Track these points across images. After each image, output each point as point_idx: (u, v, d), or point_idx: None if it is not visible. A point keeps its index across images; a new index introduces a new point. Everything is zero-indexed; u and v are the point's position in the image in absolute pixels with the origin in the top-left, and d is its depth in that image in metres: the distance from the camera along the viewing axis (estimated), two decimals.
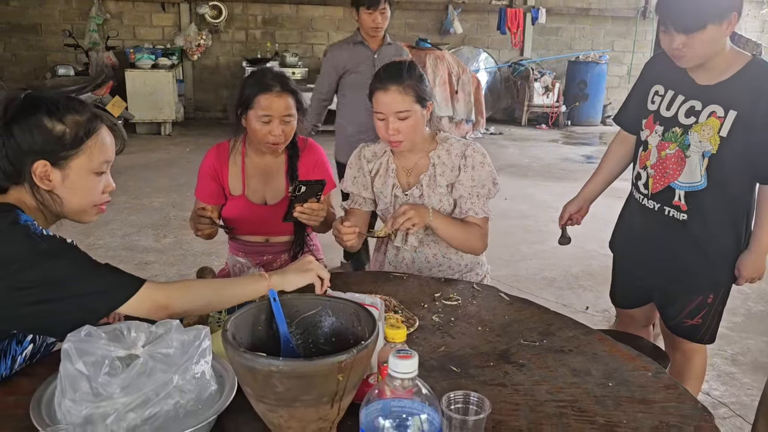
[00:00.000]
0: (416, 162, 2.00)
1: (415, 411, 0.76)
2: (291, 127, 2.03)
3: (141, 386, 1.04)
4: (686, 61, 1.83)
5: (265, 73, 2.03)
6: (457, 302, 1.75)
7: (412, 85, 1.87)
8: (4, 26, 8.68)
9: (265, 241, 2.18)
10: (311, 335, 1.19)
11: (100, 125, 1.35)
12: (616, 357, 1.48)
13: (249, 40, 9.39)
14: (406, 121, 1.87)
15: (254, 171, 2.13)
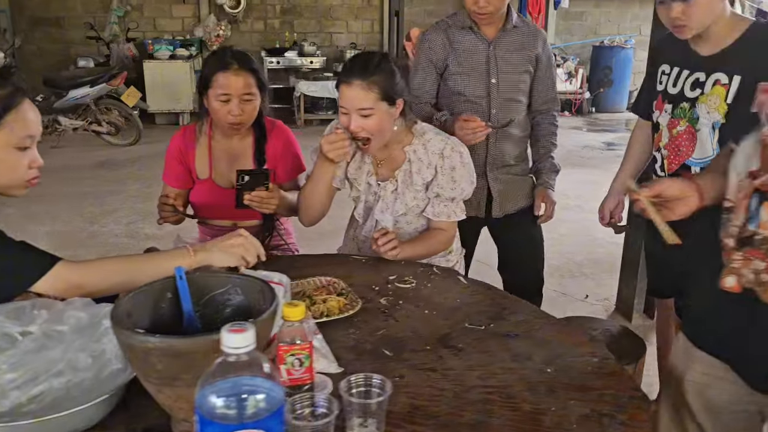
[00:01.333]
0: (390, 154, 1.90)
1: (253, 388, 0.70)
2: (252, 107, 1.97)
3: (28, 363, 1.01)
4: (687, 30, 1.75)
5: (225, 52, 1.99)
6: (411, 285, 1.69)
7: (378, 81, 1.73)
8: (29, 20, 8.85)
9: (233, 225, 2.13)
10: (220, 314, 1.15)
11: (22, 100, 1.32)
12: (565, 342, 1.40)
13: (267, 30, 9.39)
14: (368, 119, 1.75)
15: (221, 154, 2.09)
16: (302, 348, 1.02)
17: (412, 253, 1.85)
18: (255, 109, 2.00)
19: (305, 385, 1.04)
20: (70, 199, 5.18)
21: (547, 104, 2.36)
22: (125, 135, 6.85)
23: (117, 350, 1.11)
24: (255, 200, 1.86)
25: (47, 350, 1.03)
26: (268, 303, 1.04)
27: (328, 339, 1.38)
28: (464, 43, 2.23)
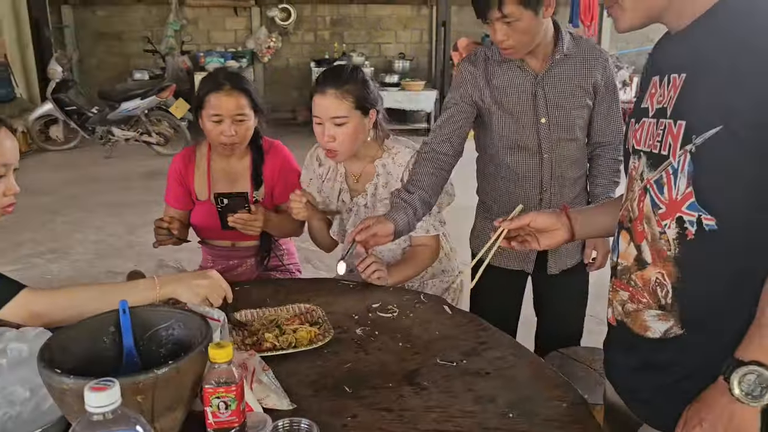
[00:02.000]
0: (363, 168, 1.90)
1: None
2: (245, 127, 1.98)
3: None
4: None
5: (218, 73, 2.01)
6: (392, 315, 1.64)
7: (352, 90, 1.75)
8: (92, 34, 9.27)
9: (232, 245, 2.15)
10: (164, 348, 1.14)
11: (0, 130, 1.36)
12: (536, 383, 1.33)
13: (317, 41, 9.52)
14: (342, 127, 1.76)
15: (219, 175, 2.11)
16: (228, 390, 0.99)
17: (401, 276, 1.82)
18: (248, 130, 2.00)
19: (232, 428, 1.01)
20: (116, 208, 5.37)
21: (609, 137, 1.96)
22: (174, 145, 7.05)
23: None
24: (238, 222, 1.86)
25: None
26: (201, 340, 1.03)
27: (292, 371, 1.35)
28: (505, 78, 1.85)
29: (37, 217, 5.23)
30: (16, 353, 1.09)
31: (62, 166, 6.98)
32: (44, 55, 8.09)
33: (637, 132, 1.09)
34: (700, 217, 0.97)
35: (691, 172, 0.96)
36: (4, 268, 4.16)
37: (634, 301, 1.09)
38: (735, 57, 0.91)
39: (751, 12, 0.93)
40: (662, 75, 1.05)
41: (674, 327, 1.04)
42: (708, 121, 0.93)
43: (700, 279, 1.00)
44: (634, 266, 1.09)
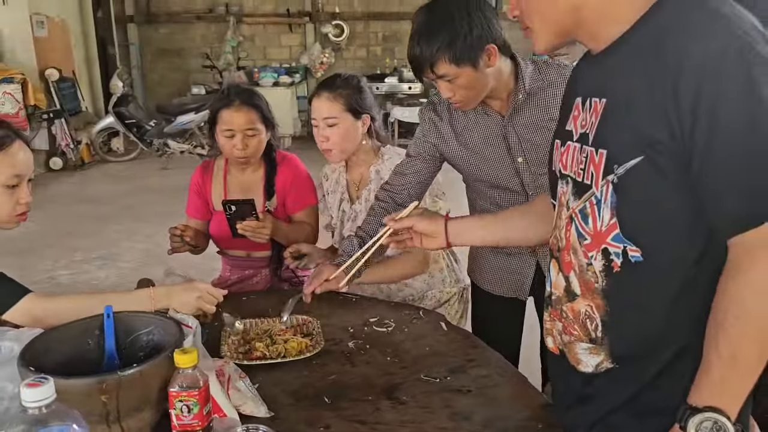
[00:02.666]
0: (362, 174, 1.97)
1: None
2: (257, 141, 2.05)
3: None
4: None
5: (229, 89, 2.09)
6: (387, 329, 1.66)
7: (345, 94, 1.86)
8: (155, 51, 9.71)
9: (247, 255, 2.22)
10: (143, 352, 1.20)
11: (11, 143, 1.46)
12: (516, 403, 1.32)
13: (369, 57, 9.66)
14: (333, 128, 1.86)
15: (235, 187, 2.18)
16: (190, 395, 1.03)
17: (373, 277, 1.85)
18: (260, 143, 2.07)
19: (195, 431, 1.05)
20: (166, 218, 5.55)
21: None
22: None
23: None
24: (247, 230, 1.92)
25: None
26: (168, 347, 1.08)
27: (278, 380, 1.39)
28: (470, 124, 1.73)
29: (92, 225, 5.50)
30: (8, 351, 1.17)
31: (121, 176, 7.32)
32: (109, 71, 8.54)
33: (563, 155, 1.07)
34: (625, 248, 0.94)
35: (614, 203, 0.93)
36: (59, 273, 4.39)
37: (567, 333, 1.06)
38: (649, 86, 0.88)
39: (661, 41, 0.89)
40: (584, 98, 1.02)
41: (605, 362, 1.01)
42: (628, 152, 0.90)
43: (629, 312, 0.97)
44: (564, 297, 1.06)
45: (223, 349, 1.49)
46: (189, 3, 9.51)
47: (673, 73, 0.85)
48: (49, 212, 5.87)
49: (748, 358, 0.85)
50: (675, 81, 0.85)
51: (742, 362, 0.85)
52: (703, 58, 0.83)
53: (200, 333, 1.27)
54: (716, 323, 0.87)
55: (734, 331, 0.85)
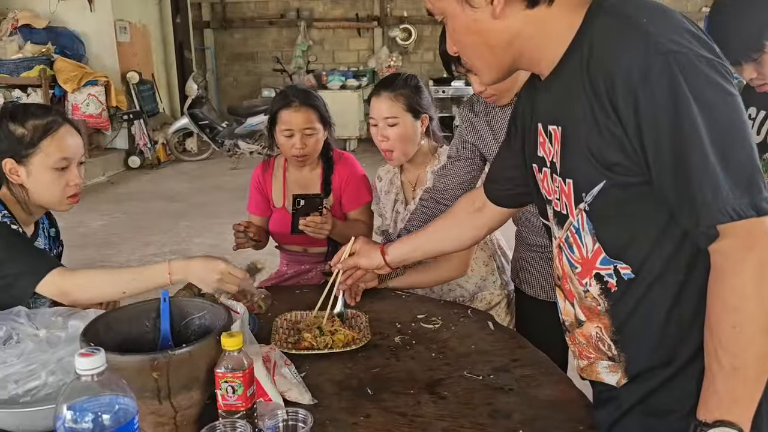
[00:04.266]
0: (418, 176, 1.98)
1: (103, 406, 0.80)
2: (314, 140, 2.11)
3: (29, 360, 1.20)
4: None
5: (288, 90, 2.16)
6: (434, 326, 1.68)
7: (405, 94, 1.87)
8: (229, 55, 10.06)
9: (303, 251, 2.28)
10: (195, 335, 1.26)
11: (59, 127, 1.56)
12: (558, 404, 1.31)
13: (436, 61, 9.63)
14: (393, 128, 1.87)
15: (294, 184, 2.25)
16: (235, 376, 1.09)
17: (406, 282, 1.87)
18: (318, 143, 2.13)
19: (238, 412, 1.10)
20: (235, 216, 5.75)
21: None
22: None
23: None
24: (309, 225, 1.97)
25: (45, 352, 1.21)
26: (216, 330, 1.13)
27: (323, 370, 1.44)
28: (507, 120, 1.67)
29: (165, 221, 5.75)
30: (74, 329, 1.26)
31: (194, 175, 7.62)
32: (186, 74, 8.91)
33: (543, 181, 1.05)
34: (616, 267, 0.94)
35: (592, 229, 0.93)
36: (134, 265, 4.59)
37: (583, 357, 1.07)
38: (591, 110, 0.86)
39: (588, 61, 0.87)
40: (544, 124, 1.01)
41: (622, 379, 1.02)
42: (591, 178, 0.90)
43: (636, 326, 0.97)
44: (574, 323, 1.06)
45: (273, 338, 1.55)
46: (262, 9, 9.80)
47: (607, 93, 0.84)
48: (127, 208, 6.18)
49: (750, 366, 0.83)
50: (612, 101, 0.84)
51: (745, 371, 0.83)
52: (631, 71, 0.82)
53: (248, 319, 1.33)
54: (711, 335, 0.85)
55: (731, 341, 0.82)
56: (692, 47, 0.82)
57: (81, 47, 7.49)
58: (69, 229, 5.47)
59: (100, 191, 6.89)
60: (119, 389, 0.83)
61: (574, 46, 0.91)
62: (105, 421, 0.80)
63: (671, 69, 0.80)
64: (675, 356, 0.95)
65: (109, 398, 0.82)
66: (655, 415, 0.98)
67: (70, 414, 0.80)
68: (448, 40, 1.04)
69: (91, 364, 0.81)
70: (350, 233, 2.11)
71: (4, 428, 1.20)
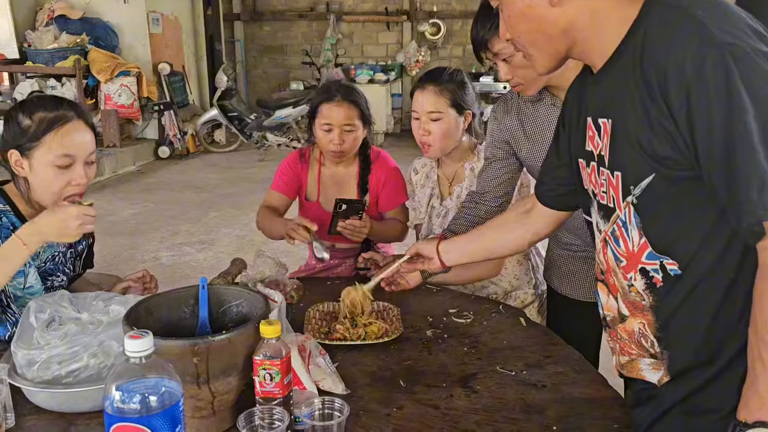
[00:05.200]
0: (455, 171, 1.96)
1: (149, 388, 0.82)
2: (353, 137, 2.08)
3: (71, 343, 1.23)
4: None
5: (331, 85, 2.14)
6: (466, 321, 1.68)
7: (450, 88, 1.84)
8: (258, 48, 10.12)
9: (332, 246, 2.25)
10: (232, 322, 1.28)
11: (66, 122, 1.49)
12: (592, 403, 1.30)
13: (465, 55, 9.62)
14: (437, 122, 1.84)
15: (329, 180, 2.24)
16: (273, 364, 1.10)
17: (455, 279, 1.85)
18: (356, 140, 2.11)
19: (275, 399, 1.12)
20: None
21: None
22: None
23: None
24: (348, 228, 1.96)
25: (87, 335, 1.24)
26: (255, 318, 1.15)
27: (357, 361, 1.45)
28: (538, 115, 1.70)
29: (194, 211, 5.82)
30: (115, 313, 1.29)
31: (221, 166, 7.69)
32: (216, 66, 8.99)
33: (591, 176, 1.04)
34: (662, 263, 0.92)
35: (639, 223, 0.92)
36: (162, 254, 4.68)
37: (624, 353, 1.05)
38: (642, 103, 0.85)
39: (641, 55, 0.86)
40: (593, 118, 1.00)
41: (664, 377, 1.01)
42: (640, 171, 0.89)
43: (680, 323, 0.96)
44: (617, 318, 1.05)
45: (306, 328, 1.56)
46: (292, 2, 9.85)
47: (659, 86, 0.83)
48: (157, 197, 6.27)
49: None
50: (665, 94, 0.83)
51: None
52: (684, 65, 0.80)
53: (285, 308, 1.35)
54: (756, 334, 0.84)
55: None
56: (749, 41, 0.80)
57: (114, 38, 7.60)
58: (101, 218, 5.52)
59: (131, 180, 7.00)
60: (165, 372, 0.85)
61: (628, 38, 0.90)
62: (152, 402, 0.82)
63: (726, 62, 0.79)
64: (718, 355, 0.94)
65: (155, 380, 0.83)
66: (695, 414, 0.97)
67: (119, 394, 0.82)
68: (502, 26, 1.04)
69: (139, 347, 0.83)
70: (386, 232, 2.12)
71: (47, 408, 1.24)
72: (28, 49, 7.20)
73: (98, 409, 1.22)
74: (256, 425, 1.05)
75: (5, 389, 1.17)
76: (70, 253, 1.70)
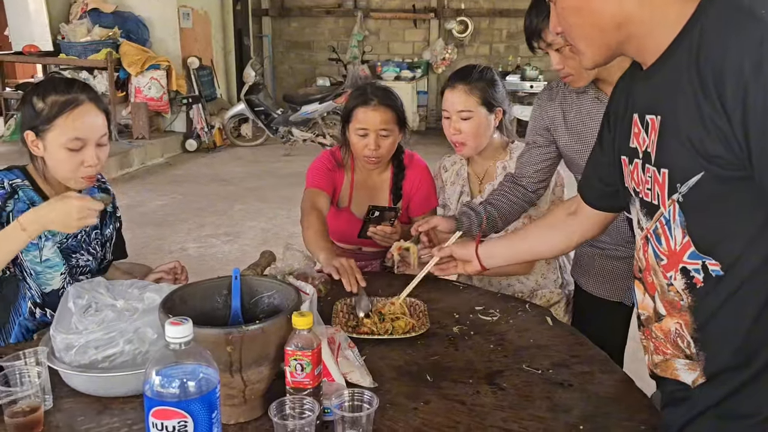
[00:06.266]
0: (486, 169, 1.97)
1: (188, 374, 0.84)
2: (389, 142, 2.02)
3: (108, 329, 1.26)
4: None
5: (367, 87, 2.06)
6: (492, 318, 1.68)
7: (480, 87, 1.85)
8: (285, 43, 10.18)
9: (358, 249, 2.24)
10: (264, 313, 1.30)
11: (77, 106, 1.55)
12: (619, 403, 1.30)
13: (492, 54, 9.58)
14: (467, 121, 1.85)
15: (361, 186, 2.17)
16: (304, 354, 1.12)
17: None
18: (392, 144, 2.04)
19: (306, 389, 1.14)
20: (287, 202, 5.88)
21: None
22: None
23: None
24: (378, 234, 1.95)
25: (123, 321, 1.27)
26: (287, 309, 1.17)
27: (384, 355, 1.46)
28: (582, 109, 1.71)
29: (220, 203, 5.89)
30: (151, 301, 1.32)
31: (247, 160, 7.77)
32: (243, 61, 9.07)
33: (633, 173, 1.03)
34: (704, 263, 0.91)
35: (683, 221, 0.91)
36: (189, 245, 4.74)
37: (659, 352, 1.05)
38: (696, 101, 0.84)
39: (698, 53, 0.85)
40: (640, 114, 0.99)
41: (699, 378, 1.00)
42: (689, 169, 0.88)
43: (719, 325, 0.95)
44: (653, 317, 1.04)
45: (333, 321, 1.58)
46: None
47: (715, 85, 0.82)
48: (184, 189, 6.36)
49: None
50: (720, 93, 0.82)
51: None
52: (743, 64, 0.79)
53: (316, 300, 1.37)
54: None
55: None
56: None
57: (145, 32, 7.70)
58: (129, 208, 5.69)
59: (159, 172, 7.10)
60: (203, 359, 0.87)
61: (684, 35, 0.89)
62: (190, 387, 0.84)
63: None
64: (755, 358, 0.93)
65: (193, 367, 0.86)
66: (730, 418, 0.97)
67: (159, 379, 0.84)
68: (553, 19, 1.03)
69: (180, 333, 0.85)
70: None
71: (83, 391, 1.27)
72: (62, 41, 7.33)
73: (132, 394, 1.26)
74: (286, 414, 1.07)
75: (45, 372, 1.20)
76: (95, 234, 1.76)
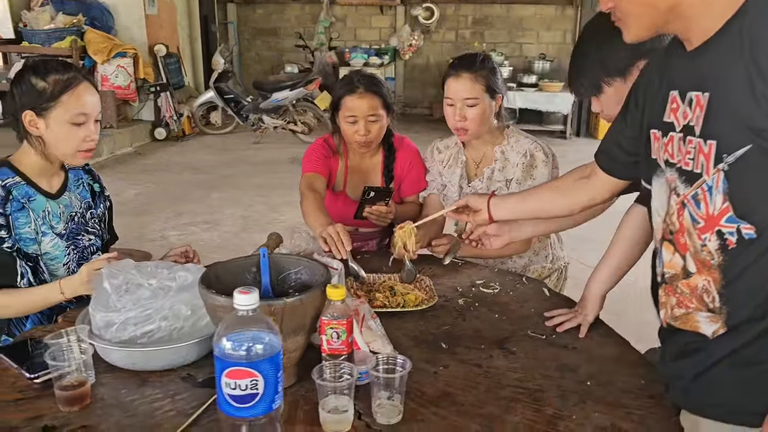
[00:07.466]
0: (484, 153, 2.06)
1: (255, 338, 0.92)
2: (378, 126, 2.13)
3: (145, 306, 1.32)
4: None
5: (353, 76, 2.17)
6: (493, 291, 1.80)
7: (484, 74, 1.93)
8: (251, 30, 10.10)
9: (355, 230, 2.30)
10: (292, 288, 1.39)
11: (78, 84, 1.65)
12: (620, 362, 1.43)
13: (458, 40, 9.69)
14: (473, 108, 1.93)
15: (354, 171, 2.27)
16: (339, 323, 1.21)
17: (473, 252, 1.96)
18: (381, 129, 2.15)
19: (341, 356, 1.23)
20: (263, 189, 5.91)
21: None
22: (316, 134, 7.55)
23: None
24: (374, 214, 2.06)
25: (159, 299, 1.34)
26: (320, 282, 1.26)
27: (399, 326, 1.56)
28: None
29: (195, 191, 5.88)
30: (183, 280, 1.38)
31: (217, 148, 7.73)
32: (210, 48, 8.99)
33: (667, 145, 1.12)
34: (739, 227, 1.00)
35: (726, 189, 0.99)
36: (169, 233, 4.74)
37: (682, 306, 1.13)
38: (749, 79, 0.93)
39: (749, 35, 0.92)
40: (682, 91, 1.07)
41: (720, 329, 1.07)
42: (737, 141, 0.96)
43: (744, 282, 1.03)
44: (681, 275, 1.12)
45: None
46: None
47: (766, 66, 0.90)
48: (156, 178, 6.31)
49: None
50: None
51: None
52: None
53: (343, 275, 1.45)
54: None
55: None
56: None
57: (110, 19, 7.56)
58: None
59: (129, 162, 7.02)
60: (267, 326, 0.95)
61: (737, 18, 0.96)
62: (258, 350, 0.92)
63: None
64: None
65: (259, 333, 0.94)
66: (745, 365, 1.05)
67: (230, 344, 0.92)
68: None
69: (248, 301, 0.93)
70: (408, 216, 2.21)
71: (122, 366, 1.34)
72: (24, 29, 7.15)
73: (169, 367, 1.34)
74: (327, 377, 1.16)
75: (89, 348, 1.27)
76: (90, 214, 1.86)
